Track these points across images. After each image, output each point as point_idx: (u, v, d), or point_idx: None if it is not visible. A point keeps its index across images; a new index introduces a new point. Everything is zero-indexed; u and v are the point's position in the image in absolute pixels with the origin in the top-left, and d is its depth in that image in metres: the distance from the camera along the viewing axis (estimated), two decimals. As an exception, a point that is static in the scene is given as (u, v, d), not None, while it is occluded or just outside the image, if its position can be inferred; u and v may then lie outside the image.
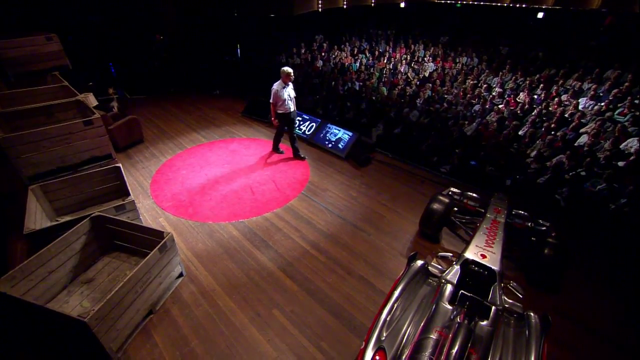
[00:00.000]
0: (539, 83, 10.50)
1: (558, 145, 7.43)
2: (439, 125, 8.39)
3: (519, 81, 10.98)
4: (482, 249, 3.49)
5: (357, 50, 14.24)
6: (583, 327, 3.49)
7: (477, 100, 9.79)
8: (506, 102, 9.66)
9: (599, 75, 10.11)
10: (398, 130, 8.62)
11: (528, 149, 7.62)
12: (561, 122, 8.27)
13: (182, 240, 4.43)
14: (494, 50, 13.14)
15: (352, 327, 3.38)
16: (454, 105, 9.59)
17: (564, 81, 10.48)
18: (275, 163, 6.35)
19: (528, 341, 2.63)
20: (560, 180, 6.40)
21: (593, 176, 6.36)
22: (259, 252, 4.27)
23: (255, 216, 4.91)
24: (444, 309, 2.80)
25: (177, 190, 5.44)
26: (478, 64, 12.57)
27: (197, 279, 3.89)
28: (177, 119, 8.29)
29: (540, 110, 8.87)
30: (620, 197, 5.90)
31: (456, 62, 12.93)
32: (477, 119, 8.74)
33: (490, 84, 10.95)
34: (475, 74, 11.74)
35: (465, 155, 7.05)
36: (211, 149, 6.78)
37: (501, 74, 11.41)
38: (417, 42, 14.47)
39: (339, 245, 4.44)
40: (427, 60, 13.32)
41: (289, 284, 3.85)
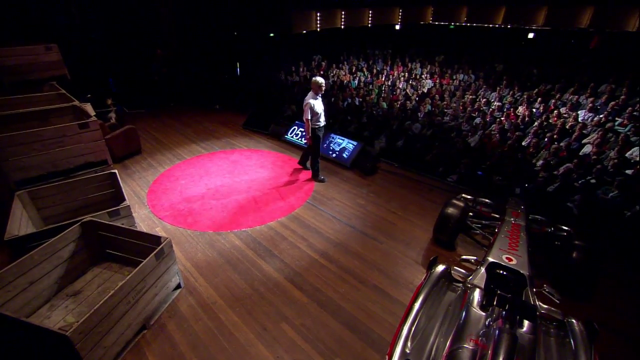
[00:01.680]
0: (537, 97, 10.59)
1: (563, 155, 7.36)
2: (442, 137, 8.31)
3: (516, 95, 11.07)
4: (506, 252, 3.24)
5: (356, 69, 14.42)
6: (623, 337, 3.18)
7: (477, 113, 9.79)
8: (506, 115, 9.67)
9: (594, 89, 10.31)
10: (401, 143, 8.52)
11: (533, 158, 7.53)
12: (563, 133, 8.26)
13: (180, 250, 4.11)
14: (489, 68, 13.37)
15: (370, 341, 3.04)
16: (455, 118, 9.57)
17: (560, 95, 10.60)
18: (279, 173, 6.13)
19: (576, 352, 2.32)
20: (571, 188, 6.25)
21: (603, 184, 6.24)
22: (264, 262, 3.96)
23: (258, 225, 4.62)
24: (476, 315, 2.50)
25: (175, 200, 5.16)
26: (475, 80, 12.73)
27: (196, 290, 3.55)
28: (176, 131, 8.11)
29: (542, 122, 8.89)
30: (635, 204, 5.75)
31: (453, 79, 13.09)
32: (479, 131, 8.69)
33: (489, 99, 11.02)
34: (473, 89, 11.85)
35: (471, 164, 6.91)
36: (211, 160, 6.56)
37: (499, 89, 11.52)
38: (414, 61, 14.73)
39: (349, 254, 4.14)
40: (425, 77, 13.49)
41: (297, 295, 3.52)
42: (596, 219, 5.62)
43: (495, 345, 2.05)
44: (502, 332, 2.10)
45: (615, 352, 3.02)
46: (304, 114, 5.44)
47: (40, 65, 5.69)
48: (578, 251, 3.50)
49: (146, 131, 7.95)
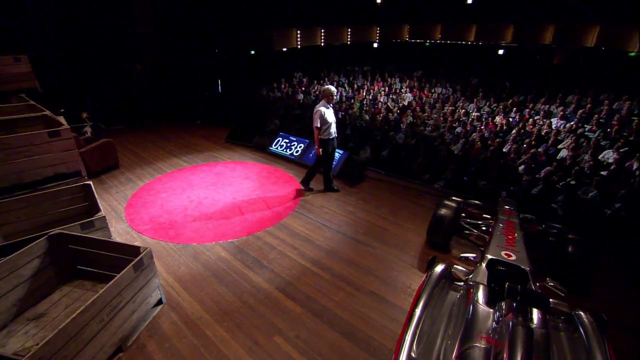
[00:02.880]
0: (512, 107, 11.04)
1: (542, 159, 7.58)
2: (426, 145, 8.40)
3: (493, 106, 11.48)
4: (504, 249, 3.17)
5: (337, 84, 14.63)
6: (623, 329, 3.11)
7: (458, 123, 10.03)
8: (485, 124, 9.98)
9: (563, 99, 10.93)
10: (386, 152, 8.56)
11: (514, 163, 7.71)
12: (539, 139, 8.57)
13: (161, 265, 3.81)
14: (465, 81, 13.88)
15: (371, 350, 2.83)
16: (437, 128, 9.75)
17: (533, 105, 11.09)
18: (264, 183, 5.94)
19: (589, 345, 2.21)
20: (553, 190, 6.40)
21: (583, 184, 6.42)
22: (253, 273, 3.72)
23: (245, 235, 4.38)
24: (483, 311, 2.37)
25: (156, 213, 4.86)
26: (453, 93, 13.16)
27: (179, 306, 3.25)
28: (156, 146, 7.82)
29: (519, 130, 9.20)
30: (614, 202, 5.93)
31: (432, 92, 13.48)
32: (462, 139, 8.86)
33: (468, 110, 11.36)
34: (452, 101, 12.21)
35: (457, 170, 6.97)
36: (194, 173, 6.31)
37: (476, 100, 11.94)
38: (393, 76, 15.14)
39: (342, 261, 3.96)
40: (405, 91, 13.84)
41: (290, 305, 3.29)
42: (580, 218, 5.73)
43: (510, 339, 1.91)
44: (516, 325, 1.97)
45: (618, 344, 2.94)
46: (313, 121, 5.11)
47: (8, 76, 5.38)
48: (573, 245, 3.48)
49: (125, 146, 7.63)
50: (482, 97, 12.03)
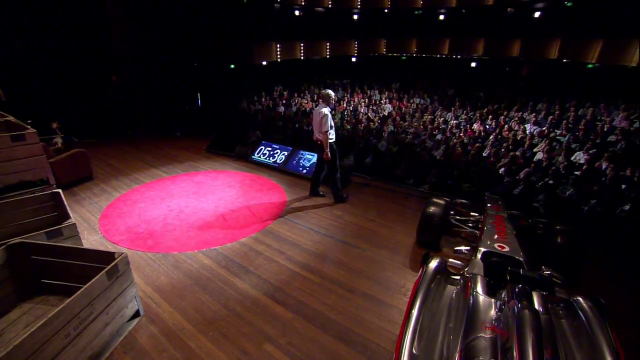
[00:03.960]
0: (488, 115, 11.45)
1: (520, 162, 7.82)
2: (409, 152, 8.49)
3: (469, 114, 11.86)
4: (497, 241, 3.14)
5: (317, 97, 14.74)
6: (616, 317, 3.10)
7: (438, 131, 10.25)
8: (464, 131, 10.26)
9: (533, 106, 11.50)
10: (369, 160, 8.58)
11: (494, 166, 7.90)
12: (516, 144, 8.88)
13: (139, 276, 3.53)
14: (442, 92, 14.34)
15: (369, 353, 2.67)
16: (418, 135, 9.92)
17: (507, 112, 11.56)
18: (247, 191, 5.75)
19: (591, 331, 2.15)
20: (534, 190, 6.56)
21: (560, 184, 6.63)
22: (239, 280, 3.50)
23: (229, 242, 4.16)
24: (484, 301, 2.28)
25: (133, 223, 4.56)
26: (431, 103, 13.54)
27: (159, 317, 2.99)
28: (134, 157, 7.50)
29: (496, 136, 9.51)
30: (589, 199, 6.14)
31: (411, 102, 13.81)
32: (442, 145, 9.03)
33: (446, 118, 11.68)
34: (431, 110, 12.54)
35: (440, 174, 7.04)
36: (174, 182, 6.04)
37: (453, 109, 12.30)
38: (372, 88, 15.45)
39: (332, 264, 3.81)
40: (384, 102, 14.10)
41: (280, 311, 3.09)
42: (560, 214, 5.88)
43: (518, 324, 1.82)
44: (522, 309, 1.89)
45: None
46: (322, 126, 4.84)
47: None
48: (561, 235, 3.49)
49: (100, 159, 7.27)
50: (459, 107, 12.43)
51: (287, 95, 14.91)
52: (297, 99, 14.39)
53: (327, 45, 16.39)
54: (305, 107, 13.64)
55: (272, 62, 14.83)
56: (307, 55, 15.97)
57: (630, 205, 5.76)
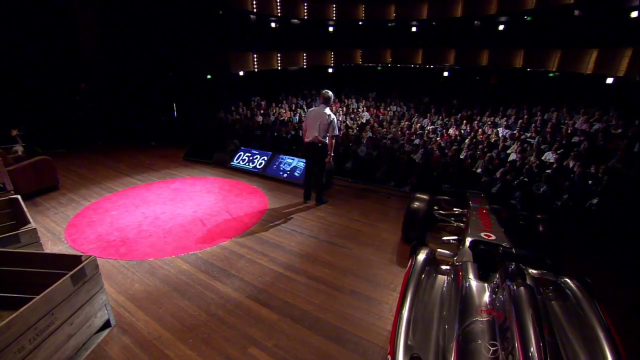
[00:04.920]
0: (462, 120, 11.85)
1: (496, 163, 8.08)
2: (388, 156, 8.58)
3: (445, 120, 12.22)
4: (483, 231, 3.14)
5: (295, 106, 14.78)
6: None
7: (415, 136, 10.47)
8: (441, 135, 10.54)
9: (504, 112, 12.05)
10: (349, 165, 8.59)
11: (472, 168, 8.12)
12: (490, 146, 9.20)
13: (110, 284, 3.26)
14: (417, 100, 14.74)
15: (361, 350, 2.55)
16: (396, 141, 10.07)
17: (480, 118, 12.02)
18: (227, 196, 5.56)
19: (582, 310, 2.15)
20: (510, 188, 6.76)
21: (534, 181, 6.88)
22: (220, 283, 3.30)
23: (209, 246, 3.96)
24: (477, 286, 2.25)
25: (104, 231, 4.26)
26: (407, 110, 13.87)
27: (133, 327, 2.74)
28: (105, 166, 7.12)
29: (472, 139, 9.82)
30: (561, 194, 6.41)
31: (388, 110, 14.08)
32: (421, 149, 9.20)
33: (422, 124, 11.96)
34: (407, 117, 12.82)
35: (421, 175, 7.13)
36: (149, 190, 5.76)
37: (429, 115, 12.64)
38: (349, 97, 15.67)
39: (318, 264, 3.69)
40: (362, 110, 14.31)
41: (265, 313, 2.93)
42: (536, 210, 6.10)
43: (515, 301, 1.78)
44: (518, 286, 1.85)
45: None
46: (331, 130, 4.81)
47: None
48: (542, 223, 3.56)
49: (68, 168, 6.85)
50: (434, 113, 12.81)
51: (265, 106, 14.84)
52: (276, 109, 14.34)
53: (304, 56, 16.57)
54: (283, 116, 13.61)
55: (249, 72, 14.79)
56: (285, 66, 16.06)
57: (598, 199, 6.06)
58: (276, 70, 15.90)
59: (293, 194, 5.72)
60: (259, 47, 14.80)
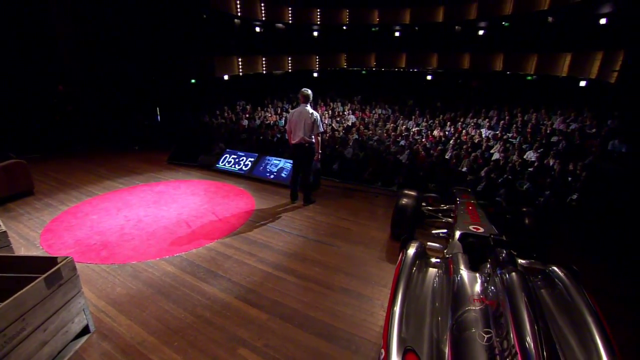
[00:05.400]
0: (446, 122, 12.07)
1: (480, 162, 8.24)
2: (375, 157, 8.63)
3: (429, 122, 12.42)
4: (471, 224, 3.16)
5: (281, 110, 14.74)
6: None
7: (401, 137, 10.58)
8: (426, 137, 10.68)
9: (486, 113, 12.34)
10: (336, 166, 8.60)
11: (457, 167, 8.25)
12: (474, 146, 9.38)
13: (90, 289, 3.11)
14: (402, 103, 14.95)
15: (354, 347, 2.51)
16: (382, 142, 10.15)
17: (463, 119, 12.27)
18: (213, 198, 5.44)
19: (571, 297, 2.17)
20: (495, 185, 6.89)
21: (517, 179, 7.04)
22: (207, 284, 3.20)
23: (195, 248, 3.84)
24: (469, 276, 2.24)
25: (83, 236, 4.08)
26: (392, 112, 14.02)
27: (114, 332, 2.61)
28: (85, 171, 6.87)
29: (456, 140, 9.99)
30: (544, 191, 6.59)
31: (373, 113, 14.21)
32: (406, 149, 9.29)
33: (408, 126, 12.11)
34: (393, 119, 12.97)
35: (407, 174, 7.19)
36: (132, 193, 5.58)
37: (414, 117, 12.82)
38: (335, 101, 15.74)
39: (307, 262, 3.63)
40: (348, 114, 14.39)
41: (254, 313, 2.84)
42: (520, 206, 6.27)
43: (507, 288, 1.77)
44: (510, 272, 1.85)
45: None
46: (315, 128, 4.80)
47: None
48: (528, 216, 3.62)
49: (44, 173, 6.57)
50: (419, 115, 13.00)
51: (250, 109, 14.74)
52: (261, 113, 14.26)
53: (289, 60, 16.59)
54: (269, 120, 13.54)
55: (234, 76, 14.68)
56: (270, 70, 16.03)
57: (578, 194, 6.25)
58: (261, 74, 15.84)
59: (280, 195, 5.65)
60: (243, 51, 14.73)
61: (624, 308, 3.03)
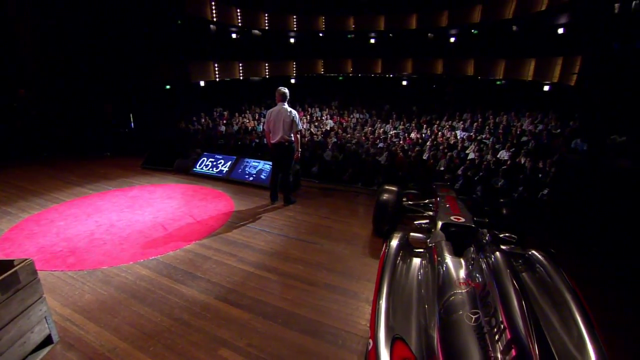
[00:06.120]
0: (422, 125, 12.37)
1: (457, 162, 8.46)
2: (354, 158, 8.68)
3: (406, 125, 12.68)
4: (452, 215, 3.20)
5: (259, 116, 14.62)
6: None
7: (379, 140, 10.72)
8: (403, 139, 10.89)
9: (460, 116, 12.76)
10: (315, 169, 8.58)
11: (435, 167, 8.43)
12: (450, 147, 9.64)
13: (54, 298, 2.88)
14: (379, 107, 15.20)
15: (340, 341, 2.44)
16: (361, 145, 10.25)
17: (439, 122, 12.61)
18: (190, 200, 5.26)
19: (552, 280, 2.21)
20: (472, 183, 7.08)
21: (493, 176, 7.27)
22: (184, 286, 3.04)
23: (172, 250, 3.67)
24: (454, 262, 2.24)
25: (48, 243, 3.80)
26: (370, 117, 14.22)
27: (81, 341, 2.42)
28: (51, 177, 6.47)
29: (432, 141, 10.24)
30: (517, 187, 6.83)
31: (351, 118, 14.36)
32: (385, 151, 9.42)
33: (385, 129, 12.31)
34: (370, 123, 13.15)
35: (387, 174, 7.28)
36: (103, 198, 5.29)
37: (391, 121, 13.06)
38: (313, 107, 15.81)
39: (289, 261, 3.55)
40: (325, 119, 14.47)
41: (235, 313, 2.72)
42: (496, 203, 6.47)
43: (492, 266, 1.77)
44: (494, 251, 1.86)
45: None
46: (294, 126, 4.76)
47: None
48: (506, 206, 3.71)
49: (2, 181, 6.13)
50: (396, 119, 13.26)
51: (227, 116, 14.52)
52: (239, 119, 14.08)
53: (266, 66, 16.54)
54: (247, 125, 13.38)
55: (211, 81, 14.45)
56: (247, 76, 15.91)
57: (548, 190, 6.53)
58: (238, 81, 15.68)
59: (260, 197, 5.54)
60: (220, 56, 14.55)
61: (599, 291, 3.14)
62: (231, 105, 15.22)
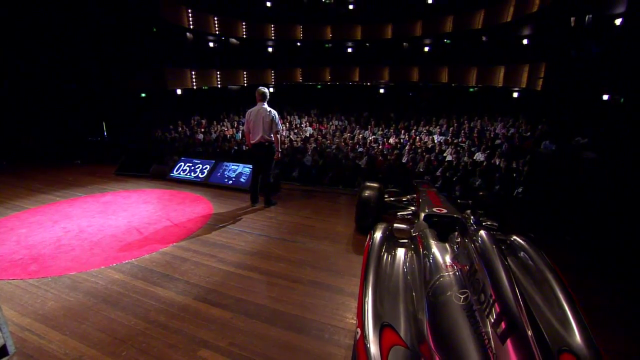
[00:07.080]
0: (400, 130, 12.62)
1: (435, 164, 8.64)
2: (334, 162, 8.70)
3: (385, 131, 12.89)
4: (435, 207, 3.21)
5: (237, 124, 14.46)
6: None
7: (359, 145, 10.83)
8: (382, 144, 11.05)
9: (436, 121, 13.13)
10: (296, 173, 8.53)
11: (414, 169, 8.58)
12: (428, 150, 9.86)
13: (11, 307, 2.63)
14: (357, 114, 15.40)
15: (327, 336, 2.36)
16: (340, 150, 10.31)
17: (417, 127, 12.91)
18: (167, 205, 5.05)
19: (532, 260, 2.24)
20: (450, 183, 7.24)
21: (470, 176, 7.46)
22: (161, 289, 2.87)
23: (147, 254, 3.47)
24: (439, 246, 2.24)
25: (6, 251, 3.51)
26: (348, 124, 14.37)
27: (41, 351, 2.20)
28: (12, 185, 6.06)
29: (411, 145, 10.45)
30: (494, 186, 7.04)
31: (330, 124, 14.45)
32: (365, 155, 9.50)
33: (364, 135, 12.46)
34: (349, 130, 13.28)
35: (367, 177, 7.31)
36: (72, 205, 4.99)
37: (369, 127, 13.24)
38: (292, 115, 15.81)
39: (272, 259, 3.44)
40: (305, 126, 14.50)
41: (216, 312, 2.59)
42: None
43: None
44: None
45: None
46: (274, 126, 4.71)
47: None
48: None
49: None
50: (374, 125, 13.46)
51: (205, 124, 14.27)
52: (217, 127, 13.87)
53: (245, 74, 16.47)
54: (226, 134, 13.18)
55: (188, 89, 14.20)
56: (225, 84, 15.77)
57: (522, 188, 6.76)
58: (216, 89, 15.50)
59: (240, 199, 5.40)
60: (197, 64, 14.36)
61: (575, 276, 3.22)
62: (209, 113, 14.98)
